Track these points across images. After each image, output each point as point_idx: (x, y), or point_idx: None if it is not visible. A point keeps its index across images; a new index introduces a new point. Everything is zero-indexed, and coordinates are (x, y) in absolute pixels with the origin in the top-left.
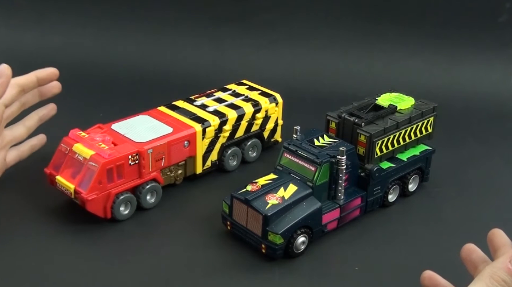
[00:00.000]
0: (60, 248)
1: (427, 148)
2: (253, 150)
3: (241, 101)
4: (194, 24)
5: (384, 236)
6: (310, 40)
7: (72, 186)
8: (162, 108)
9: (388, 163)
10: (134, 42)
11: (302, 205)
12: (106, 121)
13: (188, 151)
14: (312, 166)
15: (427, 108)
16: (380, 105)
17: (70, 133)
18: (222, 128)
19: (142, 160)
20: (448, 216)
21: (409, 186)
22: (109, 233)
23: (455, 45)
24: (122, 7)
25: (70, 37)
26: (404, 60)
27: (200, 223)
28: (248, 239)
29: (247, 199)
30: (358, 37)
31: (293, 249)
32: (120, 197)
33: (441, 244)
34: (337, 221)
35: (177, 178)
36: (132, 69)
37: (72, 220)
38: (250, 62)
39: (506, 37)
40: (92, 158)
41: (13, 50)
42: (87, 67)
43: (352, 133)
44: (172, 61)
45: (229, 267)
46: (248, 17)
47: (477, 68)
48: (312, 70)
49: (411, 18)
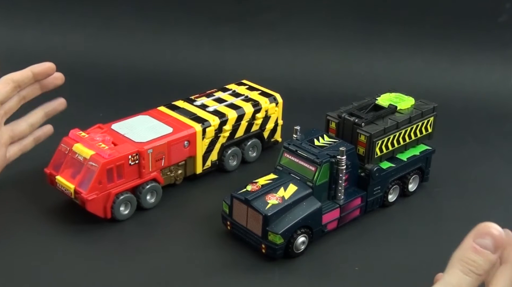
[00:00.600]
0: (60, 248)
1: (427, 148)
2: (253, 150)
3: (241, 101)
4: (194, 24)
5: (384, 236)
6: (310, 40)
7: (72, 186)
8: (162, 108)
9: (388, 163)
10: (134, 42)
11: (302, 205)
12: (106, 121)
13: (188, 151)
14: (312, 166)
15: (427, 108)
16: (380, 105)
17: (70, 133)
18: (222, 128)
19: (142, 160)
20: (448, 216)
21: (409, 186)
22: (109, 233)
23: (455, 45)
24: (122, 7)
25: (70, 37)
26: (404, 60)
27: (200, 223)
28: (248, 239)
29: (247, 199)
30: (358, 37)
31: (293, 249)
32: (120, 197)
33: (441, 244)
34: (337, 221)
35: (177, 178)
36: (132, 69)
37: (72, 220)
38: (250, 62)
39: (506, 37)
40: (92, 158)
41: (13, 50)
42: (87, 67)
43: (352, 133)
44: (172, 61)
45: (229, 267)
46: (248, 17)
47: (477, 68)
48: (312, 70)
49: (411, 18)
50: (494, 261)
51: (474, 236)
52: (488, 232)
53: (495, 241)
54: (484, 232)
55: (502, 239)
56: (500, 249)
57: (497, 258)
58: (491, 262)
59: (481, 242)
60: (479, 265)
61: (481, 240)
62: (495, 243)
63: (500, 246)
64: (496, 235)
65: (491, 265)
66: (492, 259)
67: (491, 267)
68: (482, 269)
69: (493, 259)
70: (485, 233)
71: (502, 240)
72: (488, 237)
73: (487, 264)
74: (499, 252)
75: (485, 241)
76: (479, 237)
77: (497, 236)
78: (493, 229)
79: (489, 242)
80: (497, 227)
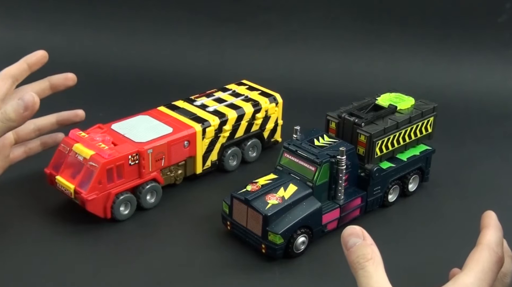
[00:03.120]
0: (60, 248)
1: (427, 148)
2: (253, 150)
3: (241, 101)
4: (194, 24)
5: (384, 236)
6: (310, 40)
7: (72, 186)
8: (162, 108)
9: (388, 163)
10: (134, 42)
11: (302, 205)
12: (106, 121)
13: (188, 151)
14: (312, 166)
15: (427, 108)
16: (380, 105)
17: (70, 133)
18: (222, 128)
19: (142, 160)
20: (448, 216)
21: (409, 186)
22: (109, 233)
23: (455, 45)
24: (122, 7)
25: (70, 37)
26: (404, 60)
27: (200, 223)
28: (248, 239)
29: (247, 199)
30: (358, 37)
31: (293, 249)
32: (120, 197)
33: (441, 244)
34: (337, 221)
35: (177, 178)
36: (132, 69)
37: (72, 220)
38: (250, 62)
39: (506, 37)
40: (92, 158)
41: (13, 50)
42: (87, 67)
43: (352, 133)
44: (172, 61)
45: (229, 267)
46: (248, 17)
47: (477, 68)
48: (312, 70)
49: (411, 18)
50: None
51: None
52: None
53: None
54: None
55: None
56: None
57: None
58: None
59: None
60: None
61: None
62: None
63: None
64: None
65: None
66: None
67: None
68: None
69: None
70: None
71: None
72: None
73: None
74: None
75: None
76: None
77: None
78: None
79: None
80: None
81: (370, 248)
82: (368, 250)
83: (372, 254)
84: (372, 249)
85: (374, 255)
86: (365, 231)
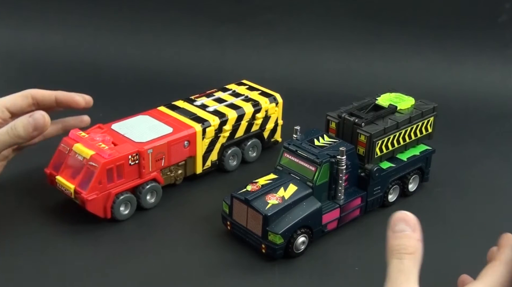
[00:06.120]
0: (60, 248)
1: (427, 148)
2: (253, 150)
3: (241, 101)
4: (194, 24)
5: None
6: (310, 40)
7: (72, 186)
8: (162, 108)
9: (388, 163)
10: (134, 42)
11: (302, 205)
12: (106, 121)
13: (188, 151)
14: (312, 166)
15: (427, 108)
16: (380, 105)
17: (70, 133)
18: (222, 128)
19: (142, 160)
20: (448, 216)
21: (409, 186)
22: (109, 233)
23: (455, 45)
24: (122, 7)
25: (70, 37)
26: (404, 60)
27: (200, 223)
28: (248, 239)
29: (247, 199)
30: (358, 37)
31: (293, 249)
32: (120, 197)
33: (441, 244)
34: (337, 221)
35: (177, 178)
36: (132, 69)
37: (72, 220)
38: (250, 62)
39: (506, 37)
40: (92, 158)
41: (13, 50)
42: (87, 67)
43: (352, 133)
44: (172, 61)
45: (229, 267)
46: (248, 17)
47: (477, 68)
48: (312, 70)
49: (411, 18)
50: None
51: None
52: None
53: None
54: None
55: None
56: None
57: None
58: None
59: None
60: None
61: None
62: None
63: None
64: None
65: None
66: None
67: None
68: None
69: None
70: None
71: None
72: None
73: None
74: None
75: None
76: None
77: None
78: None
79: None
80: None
81: (416, 243)
82: (414, 244)
83: (415, 250)
84: (417, 245)
85: (417, 252)
86: (418, 225)
